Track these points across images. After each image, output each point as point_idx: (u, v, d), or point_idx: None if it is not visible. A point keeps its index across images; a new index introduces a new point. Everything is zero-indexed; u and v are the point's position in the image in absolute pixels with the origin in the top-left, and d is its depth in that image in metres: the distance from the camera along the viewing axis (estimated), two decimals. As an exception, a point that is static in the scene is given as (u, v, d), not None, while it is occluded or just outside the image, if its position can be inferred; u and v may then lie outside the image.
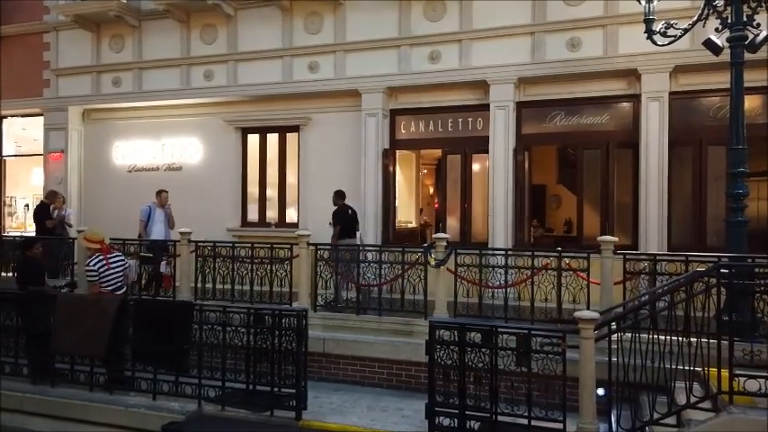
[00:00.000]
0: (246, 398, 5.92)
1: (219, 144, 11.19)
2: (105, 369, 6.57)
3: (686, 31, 6.35)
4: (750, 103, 7.25)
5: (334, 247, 7.98)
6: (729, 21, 5.93)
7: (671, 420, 4.61)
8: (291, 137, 10.81)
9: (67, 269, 9.33)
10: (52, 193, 10.55)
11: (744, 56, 5.93)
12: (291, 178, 10.86)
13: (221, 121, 11.12)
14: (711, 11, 6.08)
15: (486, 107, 9.36)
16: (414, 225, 12.37)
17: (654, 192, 8.42)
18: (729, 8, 5.94)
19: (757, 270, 4.90)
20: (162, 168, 11.58)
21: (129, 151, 11.87)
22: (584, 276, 6.69)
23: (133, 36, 11.53)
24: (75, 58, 11.99)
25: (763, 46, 5.95)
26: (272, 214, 11.01)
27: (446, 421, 5.26)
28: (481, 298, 7.11)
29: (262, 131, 11.08)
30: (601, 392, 4.92)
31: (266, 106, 10.82)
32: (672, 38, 6.36)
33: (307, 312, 6.08)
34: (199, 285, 8.24)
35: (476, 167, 9.78)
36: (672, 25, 6.35)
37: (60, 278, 9.07)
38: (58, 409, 6.39)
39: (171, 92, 11.23)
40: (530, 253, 7.10)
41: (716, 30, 6.12)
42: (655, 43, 6.45)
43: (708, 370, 4.59)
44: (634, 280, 6.58)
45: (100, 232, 6.92)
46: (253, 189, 11.15)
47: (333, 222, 8.66)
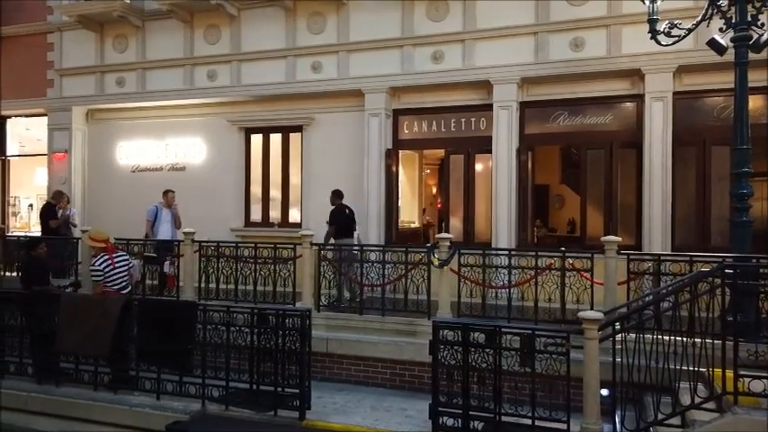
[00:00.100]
0: (250, 398, 5.93)
1: (223, 144, 11.21)
2: (109, 369, 6.59)
3: (690, 31, 6.34)
4: (754, 104, 7.22)
5: (338, 248, 7.99)
6: (733, 20, 5.93)
7: (675, 421, 4.61)
8: (295, 137, 10.83)
9: (71, 269, 9.35)
10: (58, 194, 10.59)
11: (748, 56, 5.92)
12: (294, 178, 10.87)
13: (225, 121, 11.14)
14: (715, 11, 6.06)
15: (489, 107, 9.36)
16: (416, 225, 12.38)
17: (657, 192, 8.40)
18: (733, 8, 5.93)
19: (762, 270, 4.88)
20: (165, 168, 11.60)
21: (133, 151, 11.90)
22: (587, 276, 6.69)
23: (137, 36, 11.56)
24: (78, 59, 12.02)
25: (767, 46, 5.93)
26: (276, 214, 11.03)
27: (450, 421, 5.26)
28: (484, 298, 7.11)
29: (265, 131, 11.09)
30: (605, 393, 4.91)
31: (269, 106, 10.84)
32: (676, 38, 6.35)
33: (310, 312, 6.09)
34: (202, 285, 8.25)
35: (479, 167, 9.77)
36: (676, 25, 6.34)
37: (65, 278, 9.08)
38: (63, 409, 6.41)
39: (174, 92, 11.26)
40: (533, 253, 7.10)
41: (720, 29, 6.11)
42: (659, 43, 6.44)
43: (712, 370, 4.59)
44: (638, 280, 6.58)
45: (104, 232, 6.96)
46: (256, 189, 11.17)
47: (329, 221, 8.67)
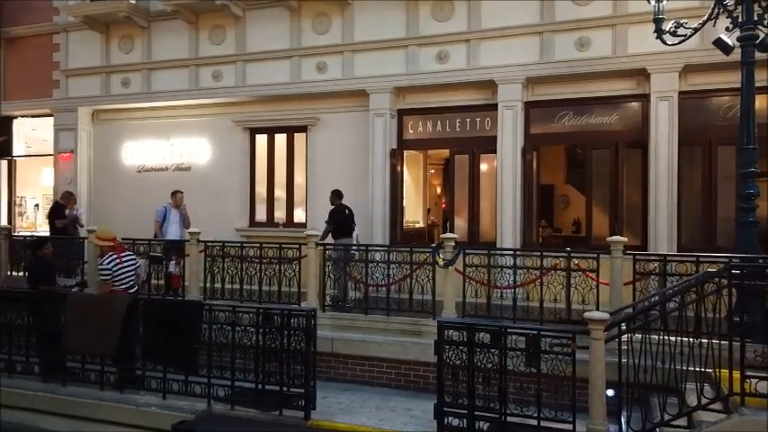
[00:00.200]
0: (255, 397, 5.95)
1: (228, 144, 11.23)
2: (116, 368, 6.61)
3: (696, 31, 6.32)
4: (760, 103, 7.19)
5: (345, 248, 7.99)
6: (740, 20, 5.91)
7: (682, 422, 4.59)
8: (299, 137, 10.84)
9: (78, 268, 9.38)
10: (67, 194, 10.65)
11: (754, 55, 5.90)
12: (299, 178, 10.89)
13: (230, 122, 11.16)
14: (722, 10, 6.05)
15: (494, 107, 9.35)
16: (421, 225, 12.37)
17: (663, 192, 8.37)
18: (740, 7, 5.91)
19: (769, 270, 4.87)
20: (171, 168, 11.63)
21: (139, 151, 11.94)
22: (593, 277, 6.66)
23: (142, 37, 11.60)
24: (84, 59, 12.07)
25: (774, 45, 5.91)
26: (281, 214, 11.05)
27: (455, 421, 5.26)
28: (490, 298, 7.10)
29: (270, 132, 11.11)
30: (611, 393, 4.91)
31: (274, 106, 10.86)
32: (682, 37, 6.33)
33: (315, 312, 6.09)
34: (208, 285, 8.28)
35: (484, 167, 9.77)
36: (682, 24, 6.32)
37: (72, 277, 9.12)
38: (69, 408, 6.44)
39: (180, 92, 11.29)
40: (538, 253, 7.08)
41: (726, 29, 6.09)
42: (664, 43, 6.43)
43: (719, 371, 4.57)
44: (644, 281, 6.55)
45: (111, 231, 6.99)
46: (261, 189, 11.19)
47: (328, 221, 8.68)
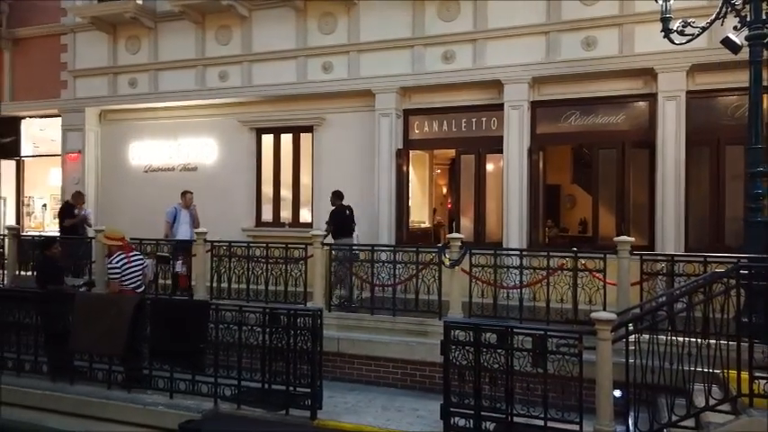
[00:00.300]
0: (262, 397, 5.96)
1: (234, 144, 11.26)
2: (123, 367, 6.63)
3: (704, 30, 6.29)
4: (769, 102, 7.16)
5: (350, 248, 8.00)
6: (748, 19, 5.88)
7: (689, 423, 4.57)
8: (305, 137, 10.86)
9: (86, 268, 9.43)
10: (77, 194, 10.72)
11: (763, 54, 5.86)
12: (305, 178, 10.91)
13: (236, 122, 11.19)
14: (730, 9, 6.02)
15: (500, 107, 9.33)
16: (427, 225, 12.37)
17: (671, 192, 8.34)
18: (748, 6, 5.88)
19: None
20: (178, 169, 11.68)
21: (146, 152, 11.99)
22: (600, 277, 6.64)
23: (149, 37, 11.64)
24: (91, 60, 12.13)
25: (782, 44, 5.88)
26: (287, 214, 11.06)
27: (461, 422, 5.25)
28: (496, 298, 7.10)
29: (276, 132, 11.13)
30: (618, 394, 4.89)
31: (280, 107, 10.87)
32: (689, 36, 6.31)
33: (321, 312, 6.10)
34: (214, 285, 8.30)
35: (490, 167, 9.75)
36: (689, 24, 6.30)
37: (80, 277, 9.17)
38: (77, 407, 6.46)
39: (186, 93, 11.33)
40: (545, 253, 7.08)
41: (734, 28, 6.06)
42: (672, 42, 6.40)
43: (727, 372, 4.55)
44: (651, 281, 6.53)
45: (119, 231, 7.03)
46: (267, 189, 11.21)
47: (328, 222, 8.73)
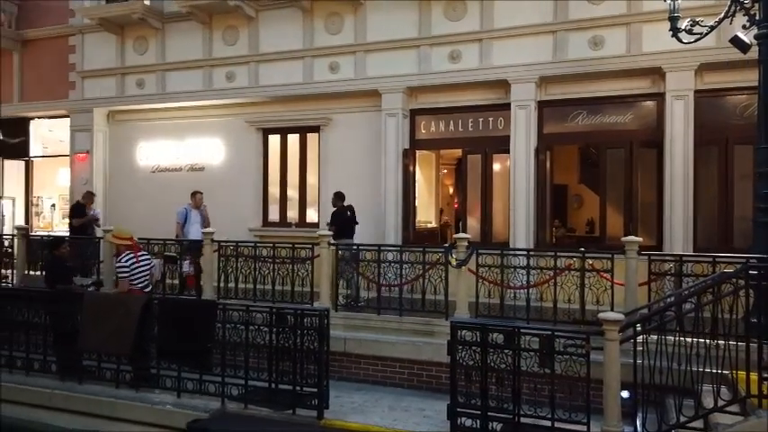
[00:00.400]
0: (269, 396, 5.97)
1: (241, 145, 11.29)
2: (131, 366, 6.68)
3: (712, 29, 6.25)
4: (778, 101, 7.10)
5: (357, 248, 8.01)
6: (757, 17, 5.82)
7: (698, 424, 4.55)
8: (312, 137, 10.88)
9: (94, 268, 9.49)
10: (88, 194, 10.80)
11: (772, 53, 5.81)
12: (312, 178, 10.92)
13: (243, 122, 11.22)
14: (738, 7, 5.97)
15: (506, 107, 9.31)
16: (434, 225, 12.36)
17: (679, 192, 8.29)
18: (757, 5, 5.83)
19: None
20: (185, 169, 11.72)
21: (153, 152, 12.05)
22: (607, 277, 6.62)
23: (156, 38, 11.69)
24: (100, 61, 12.20)
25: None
26: (293, 214, 11.09)
27: (468, 422, 5.25)
28: (503, 298, 7.08)
29: (283, 132, 11.15)
30: (625, 395, 4.87)
31: (287, 107, 10.90)
32: (698, 35, 6.27)
33: (328, 312, 6.11)
34: (221, 285, 8.33)
35: (496, 167, 9.74)
36: (697, 23, 6.26)
37: (88, 277, 9.22)
38: (85, 406, 6.51)
39: (193, 93, 11.37)
40: (552, 253, 7.05)
41: (743, 27, 6.01)
42: (680, 41, 6.36)
43: (736, 373, 4.53)
44: (659, 281, 6.50)
45: (127, 231, 7.07)
46: (274, 189, 11.23)
47: (330, 222, 8.78)
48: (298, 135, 11.03)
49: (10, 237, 10.26)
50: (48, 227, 13.83)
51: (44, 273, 8.37)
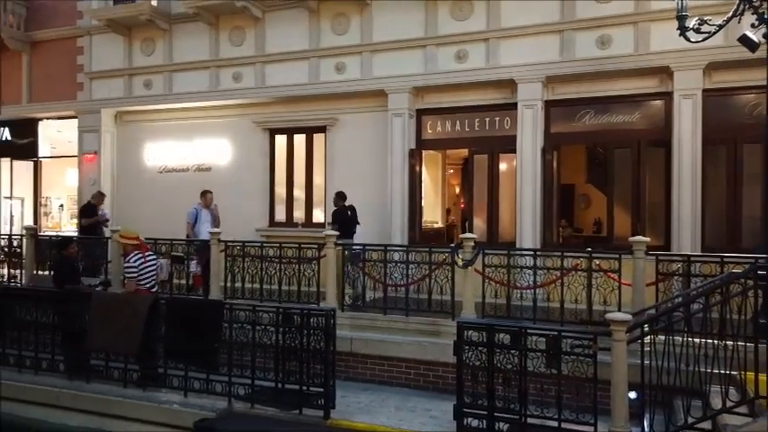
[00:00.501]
0: (275, 396, 5.98)
1: (248, 145, 11.32)
2: (138, 366, 6.71)
3: (720, 28, 6.19)
4: (788, 100, 7.04)
5: (362, 248, 8.01)
6: (766, 16, 5.77)
7: (706, 425, 4.53)
8: (318, 137, 10.89)
9: (102, 268, 9.53)
10: (98, 194, 10.87)
11: (781, 52, 5.77)
12: (318, 179, 10.94)
13: (249, 123, 11.25)
14: (747, 6, 5.91)
15: (513, 106, 9.29)
16: (440, 225, 12.35)
17: (687, 191, 8.25)
18: (766, 3, 5.78)
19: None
20: (192, 169, 11.77)
21: (160, 152, 12.11)
22: (615, 278, 6.59)
23: (164, 39, 11.75)
24: (107, 62, 12.27)
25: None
26: (300, 214, 11.11)
27: (474, 422, 5.24)
28: (509, 299, 7.06)
29: (289, 132, 11.18)
30: (633, 396, 4.84)
31: (293, 107, 10.92)
32: (706, 34, 6.21)
33: (335, 312, 6.11)
34: (228, 284, 8.35)
35: (503, 167, 9.72)
36: (705, 21, 6.20)
37: (96, 277, 9.27)
38: (93, 405, 6.54)
39: (200, 94, 11.42)
40: (559, 253, 7.02)
41: (752, 25, 5.95)
42: (688, 40, 6.31)
43: (744, 374, 4.49)
44: (667, 281, 6.46)
45: (134, 231, 7.11)
46: (280, 189, 11.26)
47: (332, 222, 8.81)
48: (304, 135, 11.05)
49: (19, 237, 10.32)
50: (56, 227, 13.92)
51: (52, 273, 8.42)
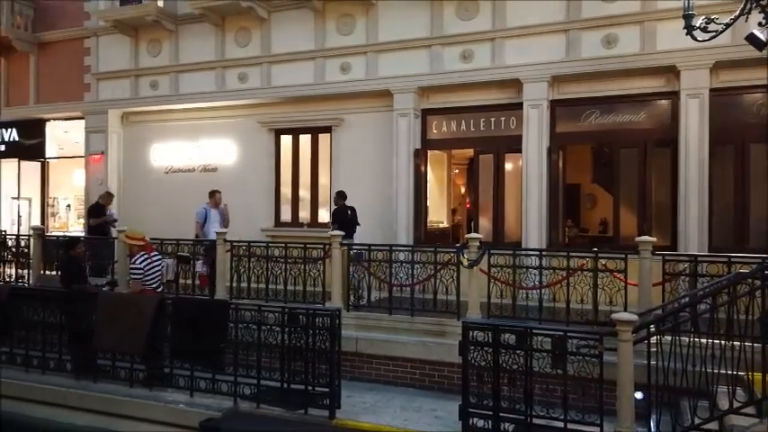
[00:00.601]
0: (281, 396, 6.00)
1: (253, 145, 11.35)
2: (144, 366, 6.73)
3: (728, 27, 6.15)
4: (795, 100, 7.03)
5: (367, 248, 8.01)
6: (774, 14, 5.74)
7: (713, 426, 4.51)
8: (324, 137, 10.90)
9: (108, 268, 9.58)
10: (106, 194, 10.93)
11: (789, 51, 5.74)
12: (324, 179, 10.95)
13: (255, 123, 11.28)
14: (754, 5, 5.88)
15: (519, 106, 9.27)
16: (445, 225, 12.34)
17: (694, 191, 8.21)
18: (773, 2, 5.75)
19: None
20: (198, 169, 11.81)
21: (167, 153, 12.15)
22: (621, 278, 6.56)
23: (170, 40, 11.79)
24: (114, 63, 12.33)
25: (809, 40, 5.74)
26: (305, 214, 11.12)
27: (480, 422, 5.23)
28: (515, 299, 7.05)
29: (295, 132, 11.19)
30: (639, 396, 4.83)
31: (299, 107, 10.94)
32: (713, 33, 6.18)
33: (340, 312, 6.13)
34: (234, 284, 8.37)
35: (508, 167, 9.69)
36: (712, 20, 6.16)
37: (103, 277, 9.32)
38: (100, 404, 6.57)
39: (206, 94, 11.45)
40: (565, 253, 7.01)
41: (759, 24, 5.91)
42: (695, 39, 6.27)
43: (752, 374, 4.47)
44: (673, 282, 6.44)
45: (140, 231, 7.15)
46: (286, 190, 11.28)
47: (332, 221, 8.86)
48: (309, 135, 11.07)
49: (26, 237, 10.38)
50: (63, 227, 13.99)
51: (59, 273, 8.45)
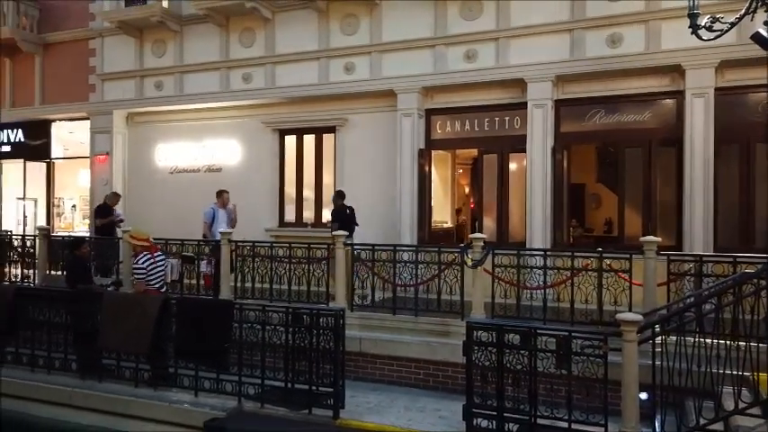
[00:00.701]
0: (285, 396, 6.00)
1: (258, 145, 11.37)
2: (149, 366, 6.75)
3: (733, 25, 6.12)
4: (801, 99, 6.99)
5: (371, 248, 8.00)
6: (779, 13, 5.71)
7: (718, 426, 4.49)
8: (328, 138, 10.92)
9: (113, 268, 9.61)
10: (112, 195, 10.97)
11: (795, 50, 5.71)
12: (328, 179, 10.96)
13: (259, 123, 11.30)
14: (760, 3, 5.85)
15: (523, 106, 9.26)
16: (449, 225, 12.33)
17: (699, 191, 8.18)
18: (779, 0, 5.72)
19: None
20: (202, 170, 11.84)
21: (171, 153, 12.19)
22: (625, 278, 6.54)
23: (174, 41, 11.82)
24: (119, 63, 12.38)
25: (815, 39, 5.71)
26: (309, 214, 11.14)
27: (484, 423, 5.23)
28: (519, 299, 7.03)
29: (299, 133, 11.21)
30: (644, 397, 4.81)
31: (303, 108, 10.95)
32: (718, 32, 6.15)
33: (344, 312, 6.12)
34: (238, 284, 8.38)
35: (513, 167, 9.68)
36: (717, 19, 6.14)
37: (108, 277, 9.35)
38: (105, 404, 6.59)
39: (211, 95, 11.48)
40: (569, 253, 6.99)
41: (764, 23, 5.89)
42: (700, 38, 6.25)
43: (757, 375, 4.45)
44: (678, 282, 6.41)
45: (144, 232, 7.17)
46: (290, 190, 11.30)
47: (332, 221, 8.92)
48: (313, 135, 11.08)
49: (32, 237, 10.42)
50: (68, 227, 14.06)
51: (65, 273, 8.50)
